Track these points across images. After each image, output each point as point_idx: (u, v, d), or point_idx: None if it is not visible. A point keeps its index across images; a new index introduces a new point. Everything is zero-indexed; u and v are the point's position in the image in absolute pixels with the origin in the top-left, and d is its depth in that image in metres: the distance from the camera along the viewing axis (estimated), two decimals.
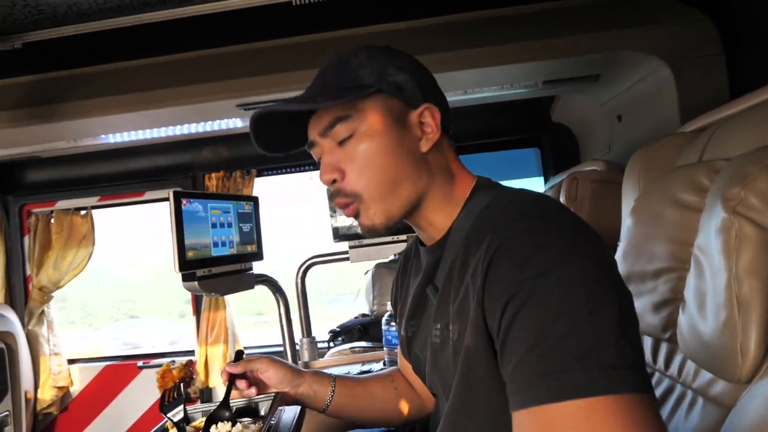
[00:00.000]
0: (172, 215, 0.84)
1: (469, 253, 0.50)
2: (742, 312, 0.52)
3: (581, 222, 0.47)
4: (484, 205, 0.53)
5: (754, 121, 0.69)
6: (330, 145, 0.56)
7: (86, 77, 1.37)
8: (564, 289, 0.40)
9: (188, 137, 1.81)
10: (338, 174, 0.55)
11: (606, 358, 0.37)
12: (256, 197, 1.10)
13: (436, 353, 0.55)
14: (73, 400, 2.25)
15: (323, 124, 0.55)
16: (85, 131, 1.55)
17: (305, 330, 1.45)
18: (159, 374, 0.72)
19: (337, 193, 0.56)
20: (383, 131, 0.54)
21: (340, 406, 0.76)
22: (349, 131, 0.54)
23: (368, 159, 0.53)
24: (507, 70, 1.31)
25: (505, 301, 0.42)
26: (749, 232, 0.54)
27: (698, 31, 1.18)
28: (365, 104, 0.54)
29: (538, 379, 0.38)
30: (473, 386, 0.49)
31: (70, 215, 2.18)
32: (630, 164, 0.97)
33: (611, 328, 0.38)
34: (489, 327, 0.46)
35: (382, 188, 0.54)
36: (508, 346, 0.42)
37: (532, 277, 0.41)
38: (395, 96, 0.55)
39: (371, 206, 0.55)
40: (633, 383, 0.37)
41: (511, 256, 0.43)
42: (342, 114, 0.54)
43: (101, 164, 2.04)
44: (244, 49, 1.34)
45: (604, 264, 0.43)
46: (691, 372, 0.65)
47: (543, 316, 0.39)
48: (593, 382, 0.36)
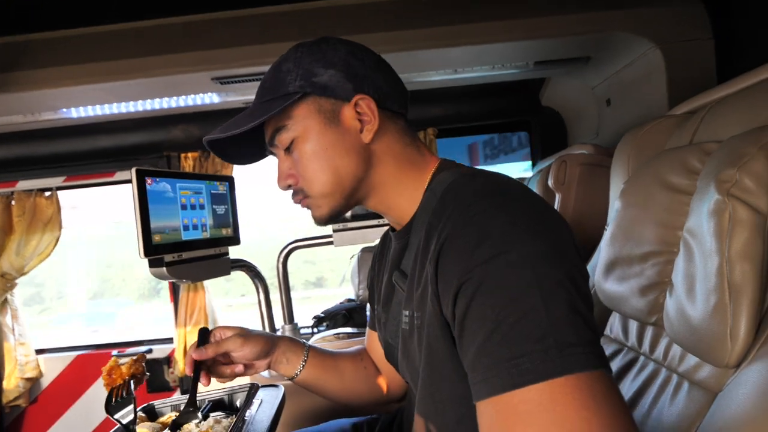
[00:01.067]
0: (135, 195, 0.78)
1: (429, 239, 0.49)
2: (733, 296, 0.51)
3: (534, 202, 0.46)
4: (443, 188, 0.52)
5: (745, 103, 0.68)
6: (279, 152, 0.59)
7: (44, 43, 1.25)
8: (514, 273, 0.40)
9: (161, 113, 1.71)
10: (292, 179, 0.59)
11: (561, 338, 0.37)
12: (232, 177, 1.04)
13: (405, 341, 0.55)
14: (43, 391, 2.16)
15: (268, 136, 0.59)
16: (42, 104, 1.43)
17: (287, 316, 1.41)
18: (105, 370, 0.66)
19: (294, 192, 0.60)
20: (318, 133, 0.56)
21: (309, 377, 0.76)
22: (288, 139, 0.57)
23: (311, 161, 0.56)
24: (498, 49, 1.28)
25: (456, 289, 0.42)
26: (743, 215, 0.52)
27: (689, 14, 1.16)
28: (296, 110, 0.56)
29: (496, 367, 0.38)
30: (437, 374, 0.49)
31: (33, 196, 2.05)
32: (619, 147, 0.96)
33: (564, 308, 0.38)
34: (444, 315, 0.45)
35: (327, 185, 0.57)
36: (465, 337, 0.42)
37: (481, 263, 0.41)
38: (323, 96, 0.56)
39: (317, 200, 0.58)
40: (590, 360, 0.37)
41: (460, 243, 0.43)
42: (279, 125, 0.57)
43: (66, 142, 1.91)
44: (219, 17, 1.25)
45: (554, 243, 0.42)
46: (677, 356, 0.65)
47: (495, 302, 0.40)
48: (552, 364, 0.37)
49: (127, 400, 0.63)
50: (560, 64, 1.44)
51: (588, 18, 1.19)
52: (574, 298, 0.39)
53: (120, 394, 0.64)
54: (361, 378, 0.80)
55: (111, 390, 0.64)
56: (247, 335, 0.71)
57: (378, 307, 0.68)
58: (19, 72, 1.23)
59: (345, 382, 0.79)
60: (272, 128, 0.57)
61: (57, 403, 2.15)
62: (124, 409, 0.62)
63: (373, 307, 0.76)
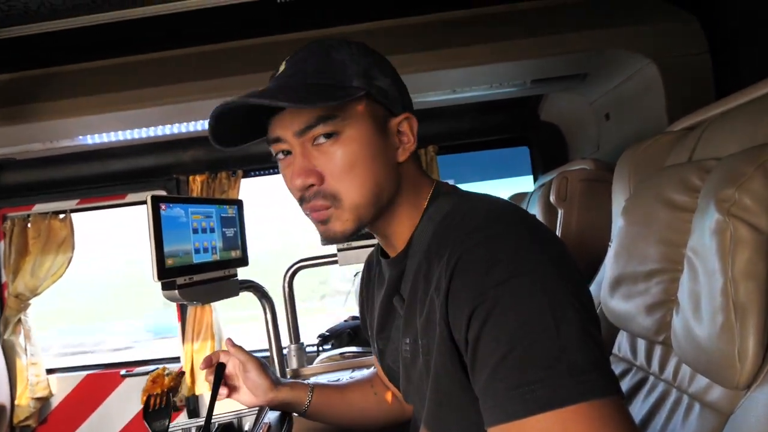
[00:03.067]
0: (150, 221, 0.80)
1: (431, 265, 0.49)
2: (739, 316, 0.51)
3: (540, 226, 0.47)
4: (443, 213, 0.52)
5: (743, 120, 0.69)
6: (304, 144, 0.51)
7: (62, 76, 1.32)
8: (525, 297, 0.40)
9: (171, 138, 1.76)
10: (315, 178, 0.51)
11: (574, 363, 0.37)
12: (240, 200, 1.07)
13: (407, 368, 0.55)
14: (53, 411, 2.17)
15: (300, 122, 0.50)
16: (61, 132, 1.49)
17: (293, 336, 1.41)
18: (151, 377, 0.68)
19: (313, 195, 0.52)
20: (368, 137, 0.51)
21: (317, 414, 0.77)
22: (331, 131, 0.50)
23: (351, 164, 0.50)
24: (495, 69, 1.30)
25: (469, 314, 0.42)
26: (744, 234, 0.53)
27: (685, 30, 1.18)
28: (352, 106, 0.51)
29: (509, 393, 0.38)
30: (445, 401, 0.48)
31: (48, 219, 2.11)
32: (619, 164, 0.97)
33: (576, 331, 0.38)
34: (456, 341, 0.45)
35: (363, 194, 0.51)
36: (478, 361, 0.42)
37: (494, 286, 0.41)
38: (379, 102, 0.53)
39: (347, 211, 0.52)
40: (603, 387, 0.37)
41: (471, 268, 0.43)
42: (325, 114, 0.50)
43: (80, 166, 1.97)
44: (227, 47, 1.30)
45: (563, 268, 0.43)
46: (686, 376, 0.64)
47: (508, 325, 0.39)
48: (565, 391, 0.36)
49: (165, 410, 0.66)
50: (557, 82, 1.46)
51: (583, 36, 1.22)
52: (585, 322, 0.39)
53: (158, 402, 0.66)
54: (371, 405, 0.80)
55: (148, 397, 0.66)
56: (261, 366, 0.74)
57: (373, 333, 0.67)
58: (40, 103, 1.29)
59: (354, 413, 0.80)
60: (313, 115, 0.50)
61: (67, 423, 2.15)
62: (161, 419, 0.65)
63: (367, 334, 0.75)
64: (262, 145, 1.85)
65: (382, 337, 0.64)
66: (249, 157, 1.98)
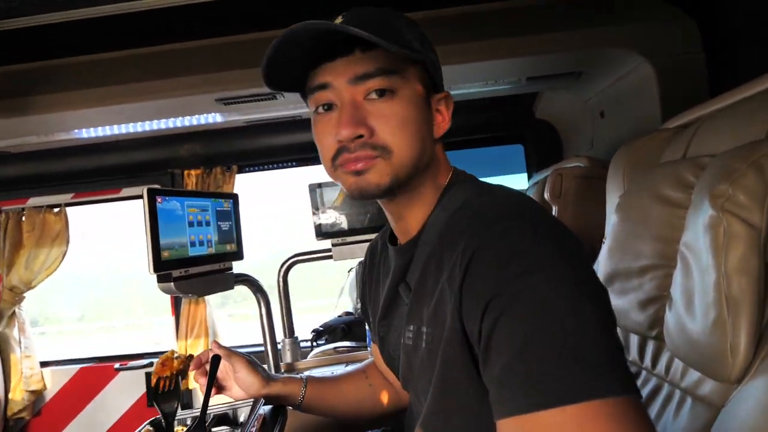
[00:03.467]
0: (146, 214, 0.80)
1: (444, 254, 0.48)
2: (731, 311, 0.52)
3: (557, 221, 0.46)
4: (459, 203, 0.51)
5: (737, 117, 0.70)
6: (355, 96, 0.50)
7: (59, 69, 1.31)
8: (545, 291, 0.39)
9: (166, 132, 1.75)
10: (366, 130, 0.49)
11: (592, 360, 0.36)
12: (236, 194, 1.06)
13: (409, 355, 0.54)
14: (47, 404, 2.16)
15: (359, 70, 0.49)
16: (57, 125, 1.48)
17: (287, 330, 1.41)
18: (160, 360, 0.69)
19: (360, 146, 0.49)
20: (419, 102, 0.51)
21: (311, 407, 0.78)
22: (388, 87, 0.49)
23: (404, 121, 0.50)
24: (490, 66, 1.30)
25: (484, 305, 0.41)
26: (738, 230, 0.53)
27: (680, 28, 1.19)
28: (410, 68, 0.51)
29: (524, 385, 0.37)
30: (450, 392, 0.48)
31: (43, 213, 2.09)
32: (614, 160, 0.97)
33: (595, 329, 0.37)
34: (468, 332, 0.44)
35: (410, 153, 0.51)
36: (491, 351, 0.40)
37: (512, 279, 0.40)
38: (429, 72, 0.53)
39: (391, 165, 0.50)
40: (621, 385, 0.36)
41: (490, 259, 0.42)
42: (387, 67, 0.49)
43: (75, 160, 1.96)
44: (223, 42, 1.29)
45: (583, 264, 0.42)
46: (678, 371, 0.65)
47: (526, 319, 0.38)
48: (582, 387, 0.35)
49: (174, 392, 0.67)
50: (553, 79, 1.46)
51: (578, 34, 1.22)
52: (604, 319, 0.39)
53: (166, 385, 0.67)
54: (365, 397, 0.80)
55: (157, 380, 0.67)
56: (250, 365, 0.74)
57: (376, 320, 0.67)
58: (36, 96, 1.28)
59: (349, 405, 0.80)
60: (376, 66, 0.48)
61: (60, 416, 2.15)
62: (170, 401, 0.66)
63: (368, 320, 0.75)
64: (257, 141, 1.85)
65: (384, 324, 0.64)
66: (244, 153, 1.97)
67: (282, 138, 1.89)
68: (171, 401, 0.66)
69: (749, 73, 0.75)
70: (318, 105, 0.52)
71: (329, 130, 0.51)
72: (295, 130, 1.85)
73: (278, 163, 2.04)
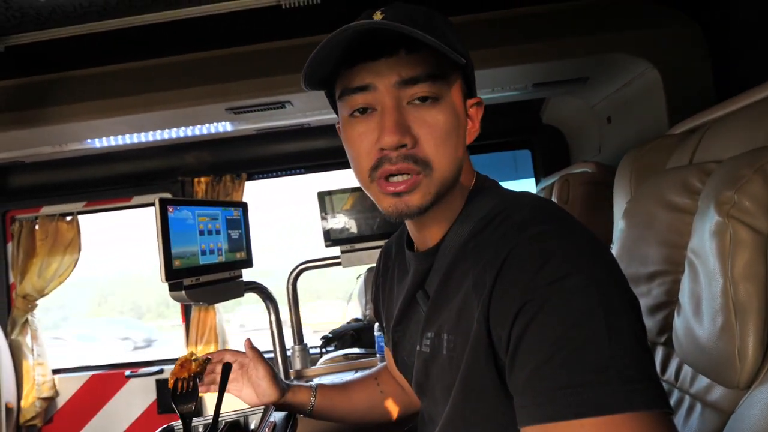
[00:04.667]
0: (158, 223, 0.82)
1: (469, 261, 0.47)
2: (739, 317, 0.52)
3: (586, 228, 0.45)
4: (483, 211, 0.50)
5: (743, 123, 0.70)
6: (397, 101, 0.46)
7: (72, 81, 1.34)
8: (579, 297, 0.37)
9: (177, 141, 1.78)
10: (410, 139, 0.46)
11: (624, 371, 0.35)
12: (245, 203, 1.08)
13: (426, 362, 0.53)
14: (58, 411, 2.18)
15: (406, 73, 0.45)
16: (70, 136, 1.51)
17: (297, 337, 1.42)
18: (179, 362, 0.70)
19: (402, 158, 0.46)
20: (460, 108, 0.49)
21: (322, 415, 0.78)
22: (433, 95, 0.46)
23: (448, 133, 0.47)
24: (497, 73, 1.31)
25: (516, 310, 0.40)
26: (744, 236, 0.53)
27: (685, 34, 1.19)
28: (452, 74, 0.47)
29: (553, 393, 0.36)
30: (472, 399, 0.47)
31: (56, 221, 2.13)
32: (621, 166, 0.97)
33: (628, 338, 0.36)
34: (495, 338, 0.43)
35: (451, 168, 0.48)
36: (520, 357, 0.39)
37: (546, 284, 0.39)
38: (467, 77, 0.51)
39: (434, 183, 0.47)
40: (652, 398, 0.35)
41: (522, 264, 0.41)
42: (435, 72, 0.45)
43: (87, 169, 2.00)
44: (232, 52, 1.32)
45: (616, 271, 0.41)
46: (688, 377, 0.65)
47: (558, 325, 0.37)
48: (613, 398, 0.34)
49: (192, 393, 0.68)
50: (559, 85, 1.47)
51: (584, 41, 1.22)
52: (637, 329, 0.37)
53: (185, 386, 0.68)
54: (376, 403, 0.80)
55: (175, 381, 0.68)
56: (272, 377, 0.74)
57: (390, 325, 0.65)
58: (49, 108, 1.31)
59: (360, 411, 0.80)
60: (423, 70, 0.45)
61: (72, 423, 2.17)
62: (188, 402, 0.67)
63: (381, 323, 0.75)
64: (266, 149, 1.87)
65: (399, 330, 0.63)
66: (253, 160, 2.00)
67: (291, 146, 1.92)
68: (189, 402, 0.67)
69: (755, 78, 0.75)
70: (354, 108, 0.48)
71: (368, 136, 0.47)
72: (304, 138, 1.87)
73: (287, 171, 2.07)
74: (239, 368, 0.75)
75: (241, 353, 0.76)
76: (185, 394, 0.67)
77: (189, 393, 0.68)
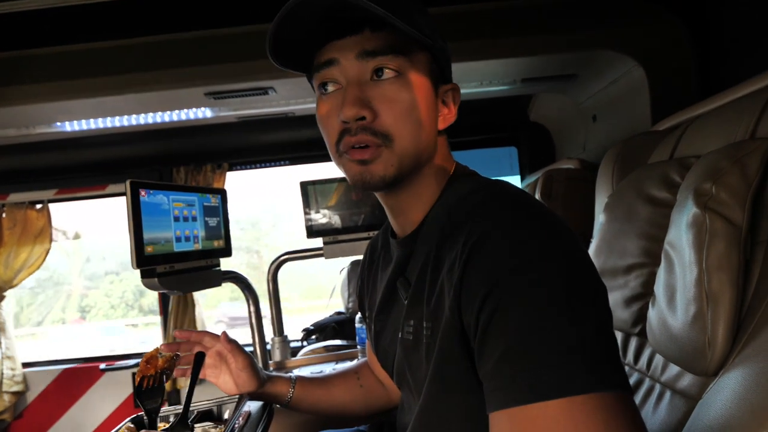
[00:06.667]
0: (129, 207, 0.78)
1: (444, 247, 0.47)
2: (711, 306, 0.53)
3: (558, 217, 0.46)
4: (459, 196, 0.51)
5: (723, 120, 0.71)
6: (360, 75, 0.48)
7: (39, 58, 1.27)
8: (545, 284, 0.39)
9: (154, 127, 1.72)
10: (369, 111, 0.47)
11: (587, 355, 0.36)
12: (224, 190, 1.05)
13: (407, 351, 0.53)
14: (29, 406, 2.11)
15: (368, 45, 0.47)
16: (38, 117, 1.44)
17: (277, 328, 1.40)
18: (145, 358, 0.68)
19: (362, 129, 0.48)
20: (426, 88, 0.50)
21: (300, 406, 0.78)
22: (396, 68, 0.48)
23: (410, 107, 0.48)
24: (486, 66, 1.31)
25: (483, 297, 0.41)
26: (719, 227, 0.54)
27: (672, 33, 1.21)
28: (418, 53, 0.49)
29: (517, 378, 0.37)
30: (446, 386, 0.47)
31: (24, 209, 2.04)
32: (604, 161, 0.98)
33: (592, 324, 0.37)
34: (465, 324, 0.44)
35: (413, 142, 0.49)
36: (487, 343, 0.40)
37: (512, 271, 0.39)
38: (438, 61, 0.52)
39: (395, 155, 0.49)
40: (614, 380, 0.36)
41: (490, 250, 0.42)
42: (397, 46, 0.47)
43: (58, 154, 1.91)
44: (213, 34, 1.27)
45: (583, 259, 0.42)
46: (659, 366, 0.66)
47: (523, 311, 0.38)
48: (575, 381, 0.35)
49: (157, 390, 0.67)
50: (548, 81, 1.48)
51: (574, 37, 1.23)
52: (601, 314, 0.39)
53: (151, 383, 0.67)
54: (355, 397, 0.80)
55: (142, 378, 0.67)
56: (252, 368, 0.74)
57: (372, 315, 0.66)
58: (15, 86, 1.24)
59: (338, 405, 0.80)
60: (385, 43, 0.47)
61: (43, 418, 2.10)
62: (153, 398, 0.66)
63: (365, 316, 0.74)
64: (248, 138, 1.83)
65: (381, 318, 0.63)
66: (235, 150, 1.95)
67: (274, 135, 1.87)
68: (154, 399, 0.66)
69: (734, 77, 0.77)
70: (321, 82, 0.50)
71: (333, 111, 0.49)
72: (288, 128, 1.83)
73: (270, 162, 2.02)
74: (217, 355, 0.73)
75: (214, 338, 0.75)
76: (150, 389, 0.66)
77: (154, 389, 0.66)
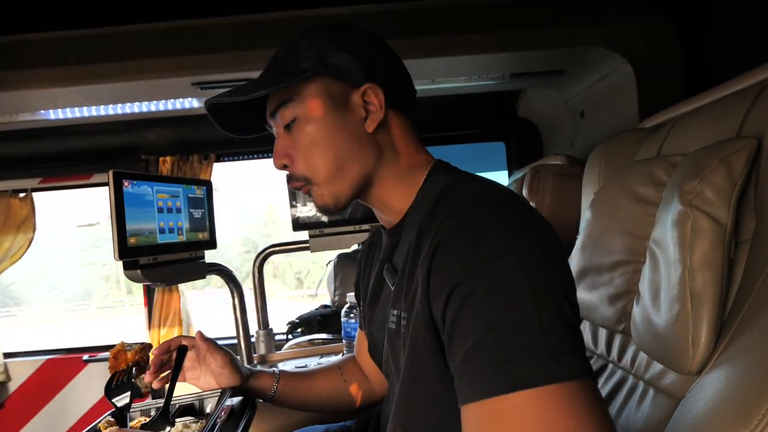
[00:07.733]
0: (112, 197, 0.76)
1: (421, 240, 0.48)
2: (694, 304, 0.53)
3: (530, 211, 0.47)
4: (439, 189, 0.52)
5: (709, 118, 0.71)
6: (279, 129, 0.57)
7: (24, 45, 1.23)
8: (508, 278, 0.39)
9: (140, 116, 1.68)
10: (287, 159, 0.56)
11: (552, 346, 0.37)
12: (209, 181, 1.03)
13: (391, 339, 0.55)
14: (10, 396, 2.08)
15: (271, 108, 0.57)
16: (19, 105, 1.40)
17: (262, 321, 1.39)
18: (112, 353, 0.67)
19: (289, 177, 0.57)
20: (323, 115, 0.54)
21: (283, 401, 0.78)
22: (291, 115, 0.55)
23: (312, 143, 0.54)
24: (475, 61, 1.30)
25: (449, 291, 0.41)
26: (704, 225, 0.54)
27: (660, 31, 1.21)
28: (305, 88, 0.54)
29: (485, 371, 0.38)
30: (419, 376, 0.48)
31: (7, 198, 1.99)
32: (591, 158, 0.99)
33: (555, 317, 0.39)
34: (434, 318, 0.45)
35: (328, 171, 0.55)
36: (455, 339, 0.41)
37: (476, 266, 0.40)
38: (334, 78, 0.55)
39: (321, 188, 0.56)
40: (578, 370, 0.37)
41: (455, 246, 0.43)
42: (284, 98, 0.55)
43: (42, 143, 1.86)
44: (201, 23, 1.24)
45: (550, 252, 0.43)
46: (643, 364, 0.66)
47: (488, 306, 0.39)
48: (541, 372, 0.36)
49: (126, 385, 0.65)
50: (536, 77, 1.47)
51: (563, 33, 1.23)
52: (565, 308, 0.40)
53: (121, 379, 0.65)
54: (339, 392, 0.81)
55: (113, 374, 0.65)
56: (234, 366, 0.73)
57: (364, 303, 0.68)
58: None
59: (322, 400, 0.80)
60: (276, 101, 0.55)
61: (25, 409, 2.07)
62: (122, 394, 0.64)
63: (359, 304, 0.76)
64: None
65: (372, 306, 0.64)
66: (223, 141, 1.92)
67: None
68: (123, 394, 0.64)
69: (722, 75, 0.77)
70: None
71: None
72: None
73: (258, 153, 2.00)
74: (195, 356, 0.73)
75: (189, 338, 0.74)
76: (119, 385, 0.64)
77: (123, 384, 0.65)
